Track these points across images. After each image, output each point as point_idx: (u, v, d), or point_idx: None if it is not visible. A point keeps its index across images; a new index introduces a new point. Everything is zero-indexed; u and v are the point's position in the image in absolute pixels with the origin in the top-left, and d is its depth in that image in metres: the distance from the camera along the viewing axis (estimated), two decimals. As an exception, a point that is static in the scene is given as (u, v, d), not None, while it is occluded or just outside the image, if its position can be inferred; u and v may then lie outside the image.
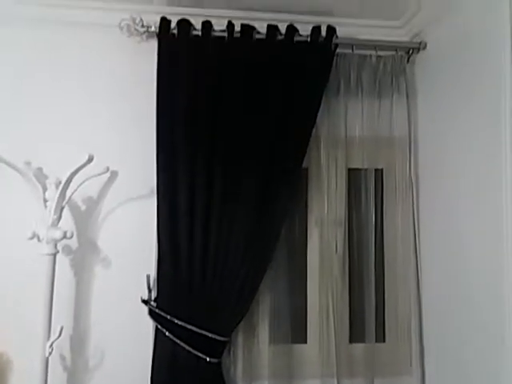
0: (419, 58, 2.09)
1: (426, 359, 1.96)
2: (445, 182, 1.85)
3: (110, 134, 1.89)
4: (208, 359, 1.75)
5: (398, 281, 2.02)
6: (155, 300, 1.80)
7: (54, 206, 1.56)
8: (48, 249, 1.56)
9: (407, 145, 2.07)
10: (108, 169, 1.79)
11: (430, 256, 1.96)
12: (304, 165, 1.94)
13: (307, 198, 2.05)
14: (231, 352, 1.86)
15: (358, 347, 1.95)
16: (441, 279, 1.86)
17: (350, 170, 2.07)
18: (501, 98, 1.48)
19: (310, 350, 1.95)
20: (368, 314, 1.93)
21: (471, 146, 1.67)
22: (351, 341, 1.98)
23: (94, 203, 1.87)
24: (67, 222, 1.79)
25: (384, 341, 2.02)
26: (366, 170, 2.04)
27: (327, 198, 2.00)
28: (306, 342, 1.97)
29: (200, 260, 1.78)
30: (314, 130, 1.93)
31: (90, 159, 1.55)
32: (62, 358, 1.79)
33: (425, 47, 2.04)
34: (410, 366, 1.99)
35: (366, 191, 2.03)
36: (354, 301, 2.00)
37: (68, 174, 1.57)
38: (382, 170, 2.12)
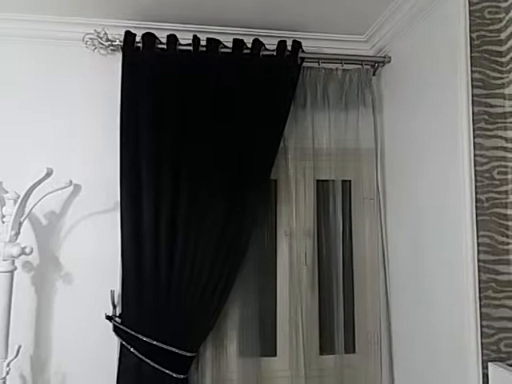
0: (384, 71, 2.14)
1: (396, 370, 1.97)
2: (409, 192, 1.89)
3: (73, 147, 1.87)
4: (174, 375, 1.71)
5: (367, 292, 2.04)
6: (120, 316, 1.76)
7: (11, 222, 1.52)
8: (5, 266, 1.51)
9: (374, 156, 2.10)
10: (71, 182, 1.76)
11: (397, 266, 1.98)
12: (273, 176, 1.96)
13: (276, 210, 2.06)
14: (199, 367, 1.83)
15: (328, 359, 1.95)
16: (409, 290, 1.88)
17: (318, 182, 2.09)
18: (458, 108, 1.52)
19: (279, 364, 1.93)
20: (337, 325, 1.93)
21: (430, 155, 1.72)
22: (321, 352, 1.97)
23: (56, 218, 1.82)
24: (28, 237, 1.75)
25: (354, 352, 2.02)
26: (333, 181, 2.05)
27: (296, 209, 2.01)
28: (275, 354, 1.96)
29: (166, 274, 1.75)
30: (281, 142, 1.95)
31: (49, 173, 1.52)
32: (23, 378, 1.73)
33: (389, 61, 2.09)
34: (381, 377, 1.99)
35: (335, 202, 2.04)
36: (323, 312, 2.00)
37: (26, 188, 1.53)
38: (349, 181, 2.14)
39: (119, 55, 1.84)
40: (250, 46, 1.92)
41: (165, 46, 1.86)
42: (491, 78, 1.50)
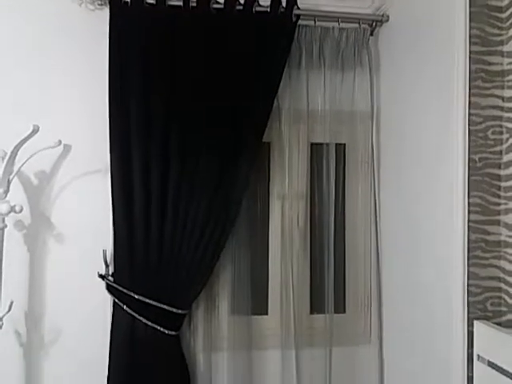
0: (382, 31, 2.07)
1: (385, 330, 2.01)
2: (403, 155, 1.87)
3: (63, 106, 1.82)
4: (167, 332, 1.75)
5: (359, 253, 2.05)
6: (112, 275, 1.78)
7: None
8: (-6, 223, 1.52)
9: (369, 119, 2.07)
10: (60, 142, 1.74)
11: (389, 229, 2.00)
12: (266, 139, 1.93)
13: (269, 172, 2.04)
14: (191, 324, 1.87)
15: (318, 318, 1.98)
16: (400, 253, 1.89)
17: (312, 145, 2.07)
18: (455, 65, 1.48)
19: (270, 322, 1.97)
20: (328, 285, 1.96)
21: (427, 117, 1.69)
22: (311, 312, 2.01)
23: (46, 178, 1.81)
24: (19, 196, 1.74)
25: (344, 312, 2.05)
26: (327, 144, 2.03)
27: (289, 172, 2.00)
28: (266, 313, 1.99)
29: (157, 234, 1.75)
30: (275, 103, 1.91)
31: (35, 130, 1.49)
32: (18, 334, 1.76)
33: (387, 20, 2.03)
34: (370, 336, 2.04)
35: (328, 166, 2.03)
36: (314, 273, 2.03)
37: (13, 145, 1.51)
38: (344, 144, 2.12)
39: (107, 10, 1.77)
40: (242, 1, 1.85)
41: (154, 1, 1.80)
42: (490, 34, 1.46)
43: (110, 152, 1.74)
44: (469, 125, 1.46)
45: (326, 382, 1.93)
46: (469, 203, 1.45)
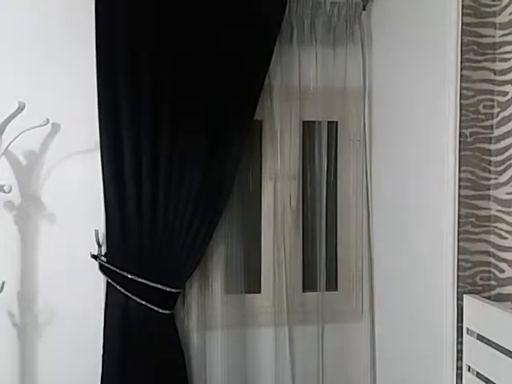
0: (374, 5, 2.03)
1: (376, 307, 2.03)
2: (395, 132, 1.86)
3: (50, 84, 1.79)
4: (161, 311, 1.76)
5: (351, 232, 2.06)
6: (105, 255, 1.78)
7: (-13, 158, 1.49)
8: (-17, 203, 1.50)
9: (362, 96, 2.05)
10: (48, 121, 1.71)
11: (381, 206, 2.00)
12: (258, 117, 1.91)
13: (261, 152, 2.03)
14: (185, 303, 1.88)
15: (311, 296, 2.00)
16: (391, 230, 1.90)
17: (304, 123, 2.05)
18: (446, 38, 1.45)
19: (263, 300, 1.98)
20: (320, 263, 1.97)
21: (419, 93, 1.67)
22: (304, 290, 2.02)
23: (35, 157, 1.78)
24: (7, 176, 1.72)
25: (336, 289, 2.07)
26: (320, 122, 2.01)
27: (281, 151, 1.99)
28: (259, 291, 2.00)
29: (149, 214, 1.75)
30: (266, 80, 1.89)
31: (21, 107, 1.47)
32: (11, 314, 1.76)
33: (380, -6, 1.99)
34: (361, 313, 2.06)
35: (320, 144, 2.02)
36: (307, 252, 2.04)
37: (-1, 124, 1.49)
38: (336, 122, 2.10)
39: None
40: (232, -26, 1.81)
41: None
42: (482, 5, 1.43)
43: (100, 130, 1.72)
44: (460, 99, 1.44)
45: (319, 358, 1.96)
46: (459, 178, 1.45)
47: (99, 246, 1.80)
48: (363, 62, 2.03)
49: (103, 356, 1.75)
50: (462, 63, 1.43)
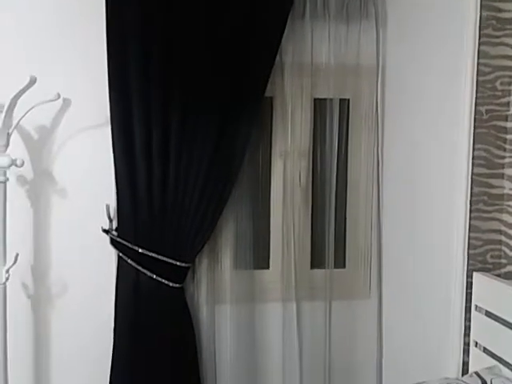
0: (389, -21, 1.98)
1: (384, 284, 2.04)
2: (408, 111, 1.84)
3: (61, 58, 1.78)
4: (171, 284, 1.78)
5: (360, 210, 2.05)
6: (116, 229, 1.80)
7: (-1, 132, 1.49)
8: (-4, 176, 1.51)
9: (375, 73, 2.01)
10: (59, 95, 1.71)
11: (391, 185, 1.99)
12: (268, 94, 1.89)
13: (271, 129, 2.02)
14: (194, 277, 1.90)
15: (319, 273, 2.02)
16: (401, 208, 1.90)
17: (315, 100, 2.03)
18: (465, 13, 1.43)
19: (271, 276, 2.00)
20: (329, 241, 1.98)
21: (434, 69, 1.65)
22: (312, 267, 2.04)
23: (47, 132, 1.79)
24: (20, 151, 1.72)
25: (344, 267, 2.08)
26: (331, 100, 1.99)
27: (292, 128, 1.97)
28: (268, 267, 2.02)
29: (160, 188, 1.75)
30: (278, 56, 1.86)
31: (32, 81, 1.46)
32: (25, 286, 1.80)
33: (396, -33, 1.94)
34: (369, 290, 2.07)
35: (332, 122, 1.99)
36: (315, 229, 2.04)
37: (10, 98, 1.48)
38: (348, 100, 2.07)
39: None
40: None
41: None
42: (503, -22, 1.39)
43: (110, 105, 1.71)
44: (477, 75, 1.42)
45: (326, 333, 1.99)
46: (473, 156, 1.44)
47: (110, 220, 1.81)
48: (377, 38, 1.98)
49: (115, 328, 1.79)
50: (480, 38, 1.41)
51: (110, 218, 1.81)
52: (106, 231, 1.80)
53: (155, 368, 1.80)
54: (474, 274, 1.45)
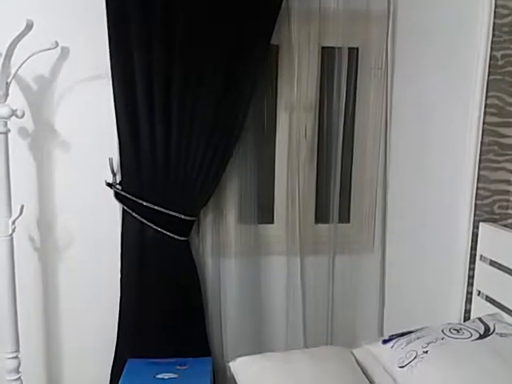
0: None
1: (388, 236, 2.04)
2: (420, 61, 1.77)
3: (59, 6, 1.70)
4: (176, 237, 1.79)
5: (367, 164, 2.02)
6: (120, 183, 1.79)
7: (-3, 81, 1.45)
8: (-3, 126, 1.49)
9: (385, 20, 1.92)
10: (57, 44, 1.65)
11: (399, 137, 1.95)
12: (274, 41, 1.82)
13: (277, 79, 1.95)
14: (199, 231, 1.91)
15: (323, 227, 2.02)
16: (409, 159, 1.87)
17: (323, 49, 1.95)
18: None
19: (276, 230, 2.00)
20: (334, 196, 1.96)
21: (447, 16, 1.56)
22: (316, 221, 2.04)
23: (46, 83, 1.74)
24: (19, 102, 1.68)
25: (348, 222, 2.08)
26: (340, 48, 1.91)
27: (298, 78, 1.91)
28: (272, 222, 2.02)
29: (163, 140, 1.72)
30: (283, 2, 1.76)
31: (29, 25, 1.40)
32: (31, 238, 1.82)
33: None
34: (373, 245, 2.08)
35: (340, 72, 1.93)
36: (320, 184, 2.02)
37: (7, 44, 1.43)
38: (357, 48, 1.99)
39: None
40: None
41: None
42: None
43: (110, 57, 1.66)
44: (494, 17, 1.34)
45: (329, 285, 2.02)
46: (486, 104, 1.39)
47: (114, 174, 1.80)
48: (388, -20, 1.88)
49: (121, 279, 1.82)
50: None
51: (113, 171, 1.79)
52: (109, 185, 1.79)
53: (162, 318, 1.84)
54: (481, 224, 1.44)
